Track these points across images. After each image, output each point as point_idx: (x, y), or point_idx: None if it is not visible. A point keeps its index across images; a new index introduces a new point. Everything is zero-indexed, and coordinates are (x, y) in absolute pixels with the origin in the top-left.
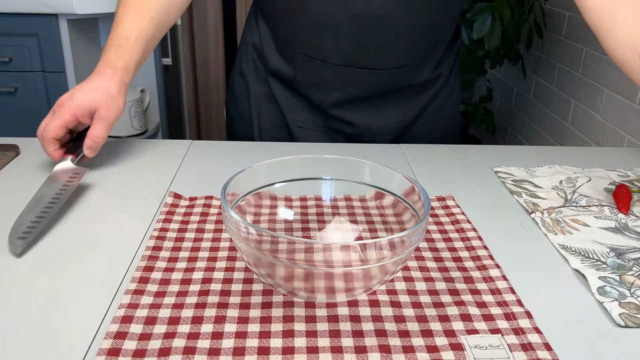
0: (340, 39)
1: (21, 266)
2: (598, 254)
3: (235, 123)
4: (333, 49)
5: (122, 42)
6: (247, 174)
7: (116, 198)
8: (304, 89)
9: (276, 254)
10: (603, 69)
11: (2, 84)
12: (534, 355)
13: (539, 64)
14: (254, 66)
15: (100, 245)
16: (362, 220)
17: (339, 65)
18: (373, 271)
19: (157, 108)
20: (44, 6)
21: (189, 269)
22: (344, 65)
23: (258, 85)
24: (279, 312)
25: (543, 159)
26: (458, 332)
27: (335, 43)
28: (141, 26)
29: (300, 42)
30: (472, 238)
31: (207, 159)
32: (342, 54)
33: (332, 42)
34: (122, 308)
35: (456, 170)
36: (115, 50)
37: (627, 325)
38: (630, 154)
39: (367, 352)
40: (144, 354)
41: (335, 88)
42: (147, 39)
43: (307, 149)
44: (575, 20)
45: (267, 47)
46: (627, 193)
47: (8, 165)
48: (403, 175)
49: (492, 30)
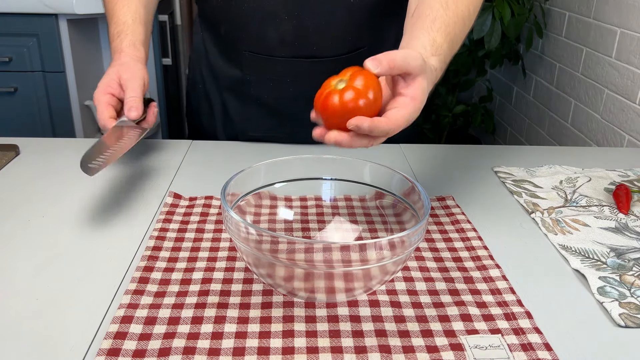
0: (282, 27)
1: (21, 266)
2: (598, 254)
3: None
4: (277, 40)
5: (120, 28)
6: (247, 174)
7: (116, 198)
8: (256, 90)
9: (276, 254)
10: (603, 69)
11: (2, 84)
12: (534, 356)
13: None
14: (203, 76)
15: (100, 245)
16: (362, 220)
17: (285, 57)
18: (373, 271)
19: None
20: (44, 6)
21: (188, 269)
22: (291, 57)
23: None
24: (279, 312)
25: (543, 159)
26: (458, 332)
27: (279, 33)
28: (132, 9)
29: (244, 39)
30: (472, 238)
31: (207, 159)
32: (286, 45)
33: (275, 33)
34: (122, 308)
35: (456, 170)
36: (118, 37)
37: (627, 326)
38: (630, 154)
39: (367, 352)
40: (143, 354)
41: (286, 83)
42: (143, 19)
43: (307, 149)
44: (575, 20)
45: (212, 54)
46: (627, 193)
47: (8, 165)
48: (403, 175)
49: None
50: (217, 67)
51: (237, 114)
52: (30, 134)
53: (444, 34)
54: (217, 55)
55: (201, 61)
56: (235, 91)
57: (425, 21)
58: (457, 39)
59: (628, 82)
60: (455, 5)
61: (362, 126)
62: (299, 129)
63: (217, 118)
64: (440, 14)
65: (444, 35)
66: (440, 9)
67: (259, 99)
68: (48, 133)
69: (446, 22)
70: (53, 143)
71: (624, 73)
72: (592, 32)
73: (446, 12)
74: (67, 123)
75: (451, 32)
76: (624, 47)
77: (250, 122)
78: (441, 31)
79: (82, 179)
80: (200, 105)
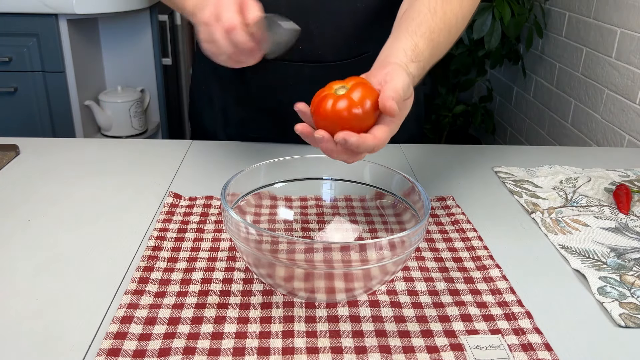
0: None
1: (21, 266)
2: (598, 254)
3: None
4: None
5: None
6: (247, 174)
7: (116, 198)
8: (258, 94)
9: (276, 254)
10: (603, 69)
11: (2, 84)
12: (534, 356)
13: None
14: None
15: (100, 245)
16: (362, 220)
17: (289, 61)
18: (373, 271)
19: (157, 108)
20: (44, 6)
21: (188, 269)
22: (295, 61)
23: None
24: (279, 313)
25: (543, 159)
26: (458, 333)
27: None
28: None
29: None
30: (472, 238)
31: (207, 159)
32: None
33: None
34: (122, 308)
35: (456, 170)
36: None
37: (627, 326)
38: (630, 154)
39: (367, 353)
40: (143, 354)
41: (290, 87)
42: None
43: (307, 149)
44: (575, 20)
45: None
46: (628, 193)
47: (8, 165)
48: (403, 175)
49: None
50: (220, 68)
51: (239, 116)
52: (30, 134)
53: (428, 40)
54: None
55: (205, 61)
56: (237, 93)
57: (411, 24)
58: (440, 47)
59: (628, 82)
60: (443, 12)
61: (350, 140)
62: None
63: (218, 119)
64: (427, 19)
65: (427, 42)
66: (428, 13)
67: (262, 103)
68: (48, 133)
69: (431, 28)
70: (53, 143)
71: (624, 73)
72: (592, 32)
73: (433, 18)
74: (67, 123)
75: (435, 39)
76: (624, 47)
77: (251, 124)
78: (425, 37)
79: (82, 179)
80: (203, 105)
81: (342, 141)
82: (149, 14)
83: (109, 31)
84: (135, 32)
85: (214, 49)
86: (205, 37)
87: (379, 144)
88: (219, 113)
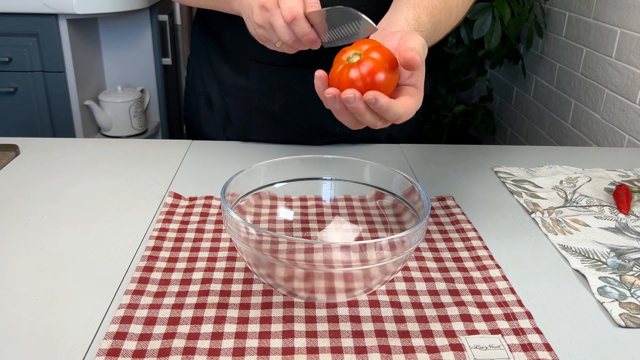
0: None
1: (21, 266)
2: (598, 254)
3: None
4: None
5: None
6: (247, 174)
7: (116, 198)
8: (261, 98)
9: (276, 254)
10: (603, 69)
11: (2, 84)
12: (534, 356)
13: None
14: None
15: (100, 245)
16: (362, 220)
17: (293, 66)
18: (373, 271)
19: (157, 108)
20: (44, 6)
21: (188, 269)
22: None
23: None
24: (279, 313)
25: (543, 159)
26: (458, 333)
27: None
28: None
29: (250, 48)
30: (472, 238)
31: (207, 159)
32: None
33: None
34: (122, 308)
35: (456, 170)
36: None
37: (627, 326)
38: (630, 154)
39: (367, 353)
40: (143, 355)
41: (293, 92)
42: None
43: (307, 149)
44: (575, 20)
45: (215, 60)
46: (628, 193)
47: (8, 165)
48: (403, 175)
49: (492, 30)
50: (220, 73)
51: (241, 119)
52: (30, 134)
53: (430, 15)
54: (220, 62)
55: (202, 65)
56: (239, 98)
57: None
58: (440, 25)
59: (628, 82)
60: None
61: (380, 100)
62: (304, 136)
63: (218, 122)
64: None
65: (429, 16)
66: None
67: (264, 107)
68: (48, 133)
69: (433, 4)
70: (53, 143)
71: (624, 73)
72: (592, 32)
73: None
74: (67, 123)
75: (437, 16)
76: (624, 47)
77: (253, 128)
78: (427, 10)
79: (82, 179)
80: (200, 108)
81: (373, 100)
82: (149, 14)
83: (109, 31)
84: (135, 32)
85: (268, 35)
86: (259, 21)
87: (407, 111)
88: (218, 116)
